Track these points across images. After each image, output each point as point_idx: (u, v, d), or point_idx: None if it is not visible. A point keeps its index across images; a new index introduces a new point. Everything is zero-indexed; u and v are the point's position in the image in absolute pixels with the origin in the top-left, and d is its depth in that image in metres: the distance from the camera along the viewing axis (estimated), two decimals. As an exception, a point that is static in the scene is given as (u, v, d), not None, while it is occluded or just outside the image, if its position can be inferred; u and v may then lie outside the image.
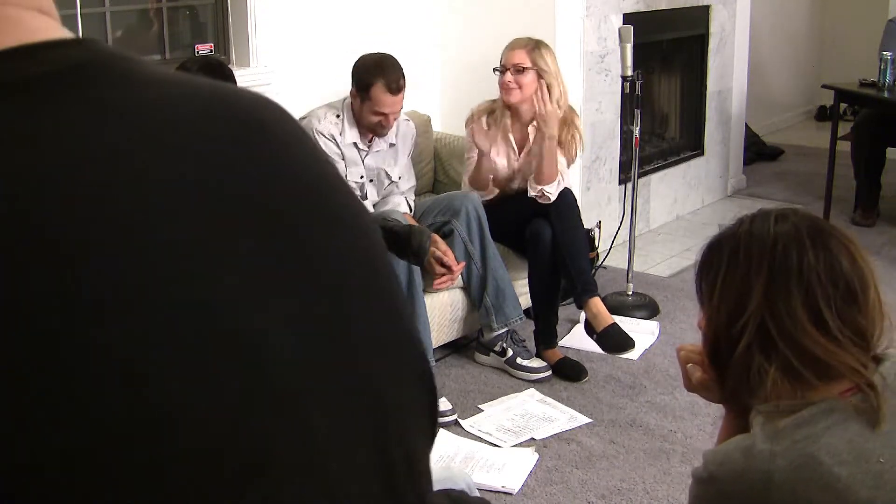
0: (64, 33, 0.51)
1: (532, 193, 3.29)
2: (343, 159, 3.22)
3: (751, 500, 1.23)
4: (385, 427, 0.55)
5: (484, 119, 3.48)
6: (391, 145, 3.35)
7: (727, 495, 1.27)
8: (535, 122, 3.35)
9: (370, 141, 3.29)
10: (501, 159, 3.46)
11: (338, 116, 3.23)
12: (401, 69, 3.18)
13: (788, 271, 1.26)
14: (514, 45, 3.36)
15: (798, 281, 1.25)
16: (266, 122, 0.56)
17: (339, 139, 3.21)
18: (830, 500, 1.17)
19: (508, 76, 3.31)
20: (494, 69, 3.39)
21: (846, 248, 1.28)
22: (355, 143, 3.25)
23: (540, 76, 3.30)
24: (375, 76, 3.13)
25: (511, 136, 3.45)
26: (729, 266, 1.31)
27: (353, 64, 3.23)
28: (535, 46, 3.33)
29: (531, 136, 3.40)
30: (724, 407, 1.46)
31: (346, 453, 0.51)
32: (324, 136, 3.18)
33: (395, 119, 3.22)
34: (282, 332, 0.49)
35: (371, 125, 3.20)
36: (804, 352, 1.24)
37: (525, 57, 3.30)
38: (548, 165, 3.25)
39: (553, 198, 3.27)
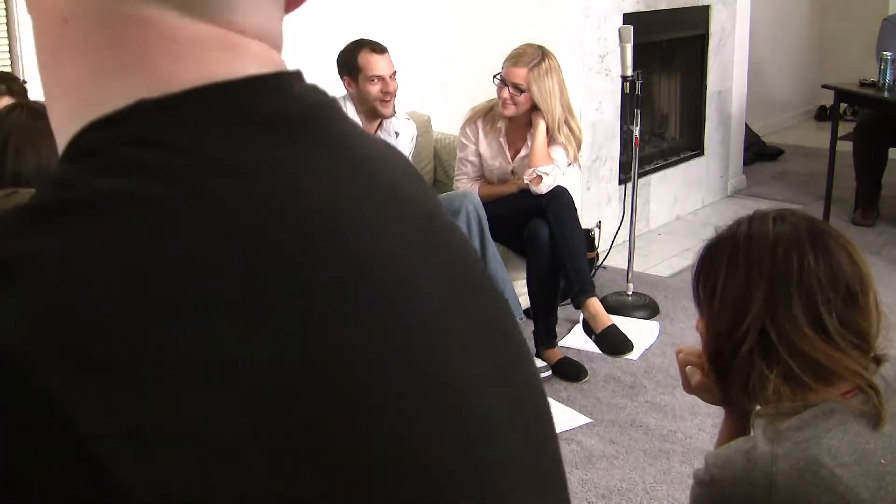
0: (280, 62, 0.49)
1: (527, 179, 3.29)
2: None
3: (752, 503, 1.22)
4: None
5: (480, 121, 3.49)
6: (396, 134, 3.37)
7: (729, 497, 1.26)
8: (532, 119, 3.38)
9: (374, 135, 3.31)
10: (494, 161, 3.48)
11: None
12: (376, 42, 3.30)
13: (789, 275, 1.25)
14: (516, 61, 3.31)
15: (798, 285, 1.24)
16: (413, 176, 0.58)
17: None
18: (832, 501, 1.17)
19: (506, 93, 3.31)
20: (494, 77, 3.38)
21: (845, 249, 1.27)
22: None
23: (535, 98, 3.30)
24: (356, 48, 3.26)
25: (503, 140, 3.46)
26: (729, 270, 1.30)
27: (335, 62, 3.30)
28: (537, 63, 3.29)
29: (529, 141, 3.41)
30: (724, 409, 1.46)
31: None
32: None
33: (394, 86, 3.25)
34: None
35: (375, 99, 3.22)
36: (804, 357, 1.23)
37: (525, 78, 3.28)
38: (539, 147, 3.28)
39: (547, 181, 3.26)
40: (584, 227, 3.60)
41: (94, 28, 0.43)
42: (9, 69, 2.88)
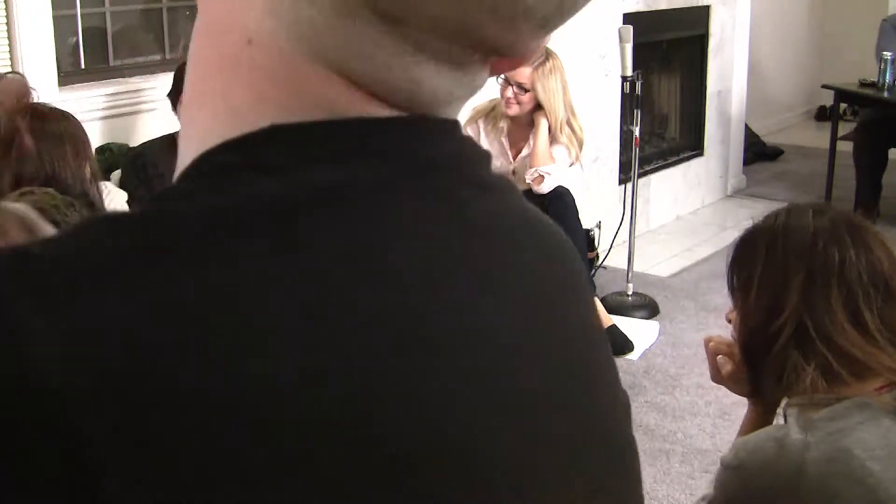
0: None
1: (528, 179, 3.29)
2: None
3: (779, 490, 1.20)
4: None
5: (481, 121, 3.49)
6: None
7: (754, 484, 1.25)
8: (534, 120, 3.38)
9: None
10: (496, 161, 3.48)
11: None
12: None
13: (829, 269, 1.24)
14: None
15: (839, 280, 1.23)
16: (567, 251, 0.56)
17: None
18: (861, 493, 1.16)
19: (509, 92, 3.31)
20: (497, 76, 3.38)
21: (884, 245, 1.27)
22: None
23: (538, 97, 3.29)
24: None
25: (505, 140, 3.46)
26: (766, 262, 1.28)
27: None
28: (541, 63, 3.28)
29: (531, 141, 3.42)
30: (750, 401, 1.45)
31: None
32: None
33: None
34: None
35: None
36: (842, 352, 1.22)
37: (529, 77, 3.28)
38: (541, 146, 3.29)
39: (549, 180, 3.26)
40: (584, 227, 3.60)
41: (275, 62, 0.42)
42: (9, 69, 2.88)
